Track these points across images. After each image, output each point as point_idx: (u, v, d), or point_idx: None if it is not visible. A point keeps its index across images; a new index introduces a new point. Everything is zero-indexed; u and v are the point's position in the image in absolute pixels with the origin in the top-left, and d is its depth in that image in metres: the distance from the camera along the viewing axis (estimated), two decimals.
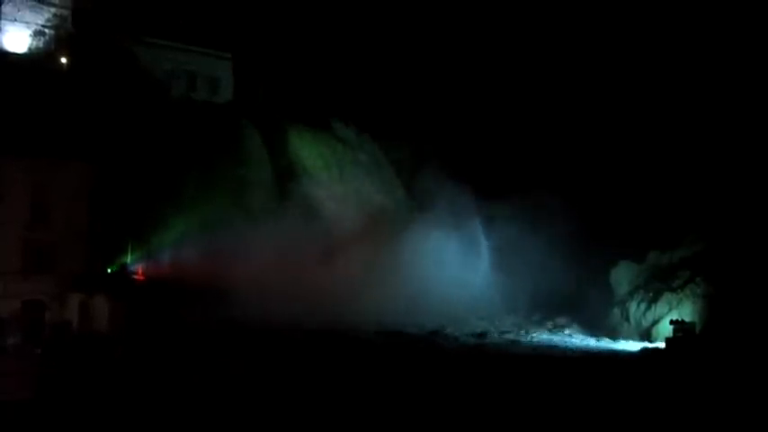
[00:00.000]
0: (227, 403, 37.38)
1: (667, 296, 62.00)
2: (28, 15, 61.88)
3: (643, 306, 63.19)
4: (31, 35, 61.98)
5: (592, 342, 61.75)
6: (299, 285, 61.72)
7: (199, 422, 34.77)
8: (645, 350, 56.78)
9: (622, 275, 66.82)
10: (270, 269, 60.64)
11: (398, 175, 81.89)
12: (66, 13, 63.31)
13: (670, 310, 60.98)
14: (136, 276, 54.32)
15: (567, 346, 59.47)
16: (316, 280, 63.72)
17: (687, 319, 58.40)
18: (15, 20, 61.49)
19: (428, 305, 67.38)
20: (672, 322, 58.24)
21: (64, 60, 62.11)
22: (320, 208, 72.70)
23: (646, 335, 61.76)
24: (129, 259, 54.72)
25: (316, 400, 38.04)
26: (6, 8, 61.23)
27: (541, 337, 63.64)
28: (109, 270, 54.07)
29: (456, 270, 71.41)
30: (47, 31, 62.36)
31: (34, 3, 62.19)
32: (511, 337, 62.97)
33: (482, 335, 62.35)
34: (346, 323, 59.82)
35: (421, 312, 66.00)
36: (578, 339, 62.90)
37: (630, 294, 64.91)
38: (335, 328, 58.33)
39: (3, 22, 61.13)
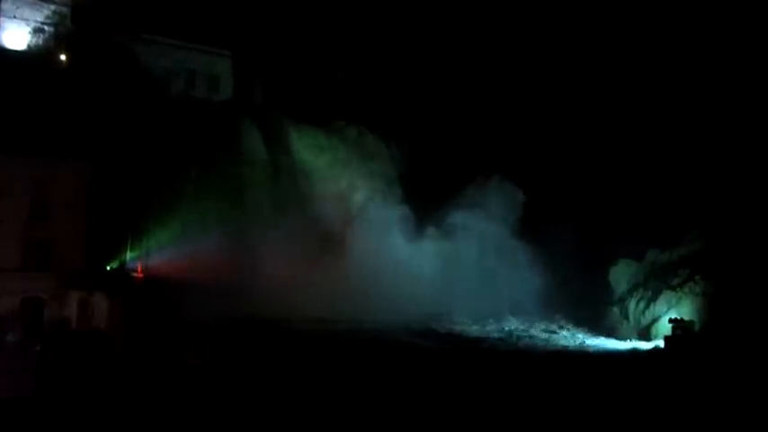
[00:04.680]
0: (226, 401, 37.39)
1: (666, 294, 62.05)
2: (27, 12, 61.80)
3: (642, 304, 63.24)
4: (30, 32, 61.89)
5: (590, 341, 61.81)
6: (299, 283, 61.87)
7: (198, 420, 34.78)
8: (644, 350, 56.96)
9: (621, 274, 66.85)
10: (270, 266, 60.77)
11: (399, 173, 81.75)
12: (65, 10, 63.21)
13: (669, 308, 61.07)
14: (135, 274, 54.26)
15: (565, 345, 59.59)
16: (315, 278, 63.87)
17: (686, 318, 58.50)
18: (15, 17, 61.44)
19: (428, 304, 67.47)
20: (671, 321, 58.36)
21: (63, 57, 61.99)
22: (320, 205, 72.77)
23: (645, 333, 61.80)
24: (128, 257, 54.66)
25: (324, 401, 38.02)
26: (6, 5, 61.15)
27: (540, 335, 63.67)
28: (108, 267, 54.04)
29: (456, 270, 71.52)
30: (46, 28, 62.27)
31: (34, 0, 62.12)
32: (506, 335, 63.03)
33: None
34: (348, 321, 59.90)
35: (418, 310, 66.07)
36: (577, 338, 62.94)
37: (629, 293, 64.96)
38: (337, 327, 58.41)
39: (2, 18, 61.03)
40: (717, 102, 70.94)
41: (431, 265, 70.87)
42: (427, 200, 75.69)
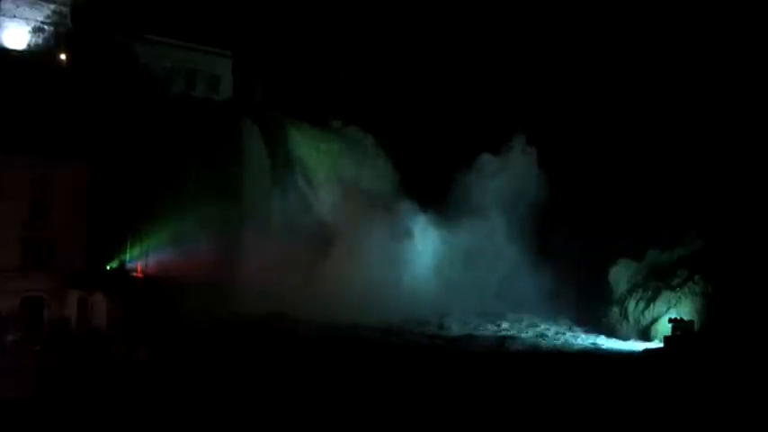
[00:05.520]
0: (225, 401, 37.42)
1: (666, 294, 62.07)
2: (27, 12, 61.70)
3: (642, 304, 63.25)
4: (30, 32, 61.78)
5: (589, 340, 61.81)
6: (298, 282, 61.93)
7: (198, 420, 34.80)
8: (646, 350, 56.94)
9: (621, 274, 66.83)
10: (269, 266, 60.81)
11: (398, 170, 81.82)
12: (65, 9, 63.10)
13: (669, 308, 61.09)
14: (135, 274, 54.35)
15: (565, 345, 59.61)
16: (315, 278, 63.94)
17: (686, 318, 58.50)
18: (15, 16, 61.34)
19: (425, 301, 67.54)
20: (671, 321, 58.36)
21: (63, 57, 61.98)
22: (318, 204, 72.84)
23: (644, 333, 61.80)
24: (127, 256, 54.75)
25: (321, 401, 38.01)
26: (6, 5, 61.06)
27: (539, 336, 63.66)
28: (108, 267, 54.13)
29: (454, 267, 71.59)
30: (46, 27, 62.18)
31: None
32: (505, 336, 63.01)
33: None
34: (348, 320, 59.92)
35: (417, 308, 66.13)
36: (577, 338, 62.94)
37: (629, 293, 64.94)
38: (339, 325, 58.47)
39: (2, 18, 60.98)
40: (716, 102, 70.92)
41: (429, 264, 70.99)
42: (427, 199, 75.79)
